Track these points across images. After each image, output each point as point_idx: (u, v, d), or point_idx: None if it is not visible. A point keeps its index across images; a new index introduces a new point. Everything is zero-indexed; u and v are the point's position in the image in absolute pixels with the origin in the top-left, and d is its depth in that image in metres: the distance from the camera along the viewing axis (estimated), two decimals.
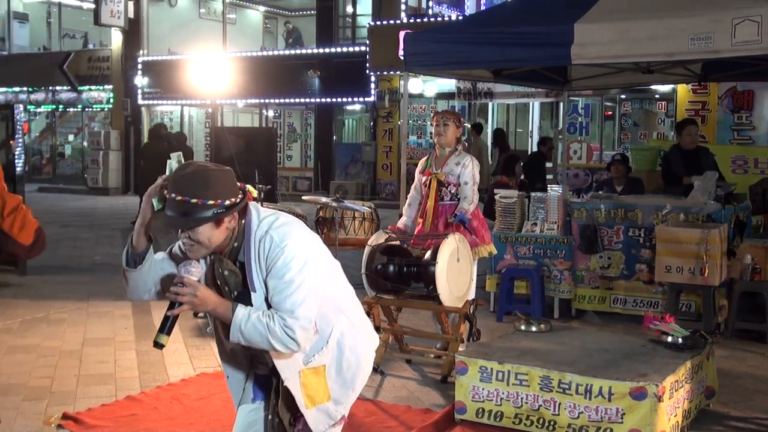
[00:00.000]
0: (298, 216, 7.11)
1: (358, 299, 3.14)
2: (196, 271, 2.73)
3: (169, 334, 2.70)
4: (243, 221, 2.81)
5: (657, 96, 18.00)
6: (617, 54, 6.50)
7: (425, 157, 6.58)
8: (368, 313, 7.57)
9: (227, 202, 2.71)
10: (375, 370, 5.79)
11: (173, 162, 2.82)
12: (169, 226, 2.74)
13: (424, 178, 6.37)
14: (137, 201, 22.50)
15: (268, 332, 2.68)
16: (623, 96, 18.37)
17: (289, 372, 2.86)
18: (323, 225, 7.64)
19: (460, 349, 5.59)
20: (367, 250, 5.85)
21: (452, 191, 6.26)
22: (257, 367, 3.07)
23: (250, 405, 3.12)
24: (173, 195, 2.69)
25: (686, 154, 8.33)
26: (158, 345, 2.72)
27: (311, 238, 2.86)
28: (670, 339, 4.96)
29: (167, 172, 2.78)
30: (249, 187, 2.86)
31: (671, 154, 8.64)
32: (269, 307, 2.76)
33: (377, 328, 7.05)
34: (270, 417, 3.02)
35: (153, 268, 2.90)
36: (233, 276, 2.83)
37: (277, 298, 2.73)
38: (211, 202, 2.68)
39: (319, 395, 2.92)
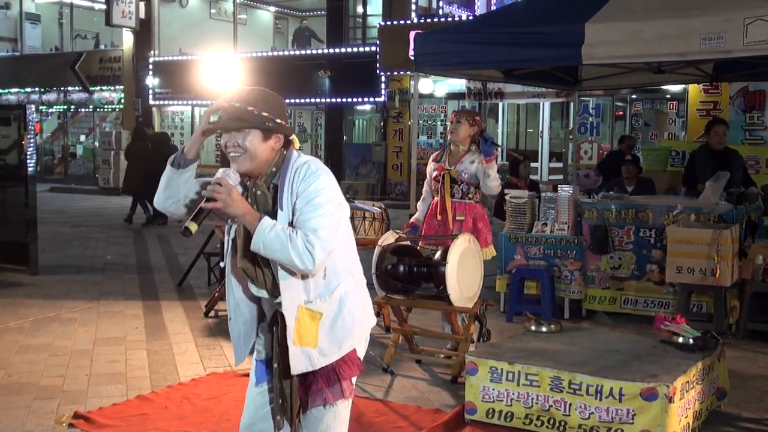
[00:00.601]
0: None
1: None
2: (234, 177, 2.87)
3: (199, 224, 2.81)
4: (285, 152, 2.99)
5: (668, 96, 17.94)
6: (628, 54, 6.48)
7: (440, 151, 6.63)
8: (378, 314, 7.60)
9: (278, 120, 2.93)
10: (385, 370, 5.82)
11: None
12: (223, 129, 2.90)
13: (435, 172, 6.41)
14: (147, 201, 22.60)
15: (289, 242, 2.77)
16: (634, 96, 18.32)
17: (290, 303, 2.90)
18: None
19: (471, 349, 5.59)
20: (377, 250, 5.85)
21: (463, 189, 6.31)
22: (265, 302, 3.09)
23: (256, 388, 3.15)
24: (232, 102, 2.90)
25: (714, 155, 8.20)
26: (187, 231, 2.81)
27: (339, 189, 3.01)
28: (681, 340, 4.94)
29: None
30: (294, 137, 3.07)
31: (698, 153, 8.49)
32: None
33: (387, 329, 7.07)
34: (279, 400, 3.07)
35: (190, 182, 3.02)
36: (264, 197, 2.96)
37: (303, 218, 2.84)
38: (265, 114, 2.89)
39: (308, 338, 2.92)
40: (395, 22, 19.75)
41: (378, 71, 20.01)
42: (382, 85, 20.52)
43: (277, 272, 2.90)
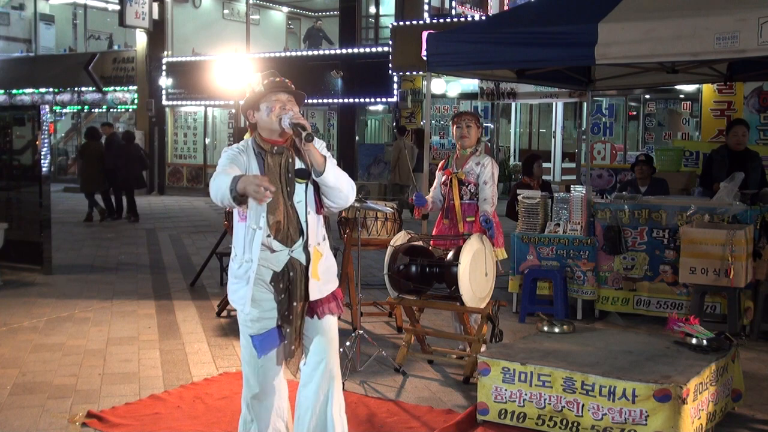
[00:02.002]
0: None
1: None
2: (290, 113, 3.61)
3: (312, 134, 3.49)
4: None
5: (682, 96, 17.87)
6: (642, 54, 6.45)
7: (445, 159, 6.58)
8: (390, 314, 7.60)
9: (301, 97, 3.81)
10: (397, 370, 5.81)
11: None
12: (280, 88, 3.68)
13: (444, 177, 6.38)
14: (161, 200, 22.67)
15: (344, 178, 3.67)
16: (647, 96, 18.25)
17: (313, 240, 3.72)
18: (345, 225, 7.64)
19: (483, 349, 5.58)
20: (389, 250, 5.85)
21: (471, 190, 6.27)
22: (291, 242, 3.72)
23: (260, 360, 3.78)
24: (273, 78, 3.70)
25: (733, 156, 8.14)
26: (309, 137, 3.48)
27: None
28: (694, 341, 4.92)
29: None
30: None
31: (716, 153, 8.42)
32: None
33: (399, 329, 7.06)
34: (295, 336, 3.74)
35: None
36: (293, 157, 3.72)
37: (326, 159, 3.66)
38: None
39: (315, 273, 3.74)
40: (408, 23, 19.74)
41: (390, 71, 20.00)
42: (395, 86, 20.51)
43: (306, 217, 3.67)
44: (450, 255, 5.66)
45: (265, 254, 3.67)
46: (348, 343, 5.93)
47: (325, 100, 22.33)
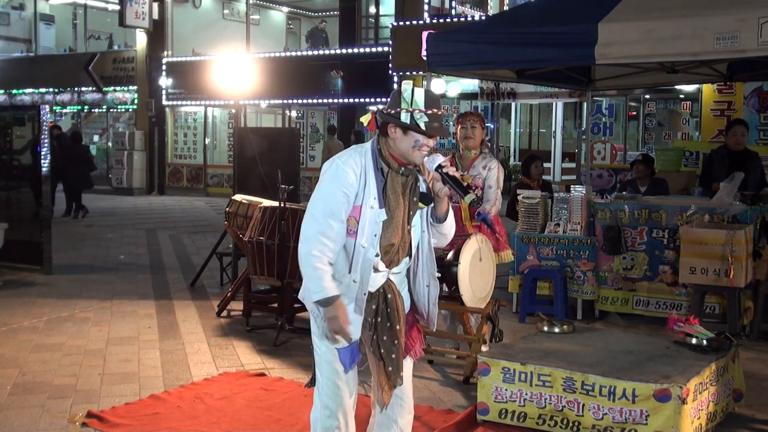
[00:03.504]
0: None
1: None
2: (439, 156, 3.34)
3: (469, 192, 3.32)
4: None
5: (682, 96, 17.87)
6: (642, 54, 6.45)
7: (452, 156, 6.54)
8: None
9: None
10: None
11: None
12: (440, 135, 3.35)
13: None
14: (161, 200, 22.68)
15: (453, 224, 3.57)
16: (647, 96, 18.25)
17: (428, 276, 3.56)
18: None
19: (483, 350, 5.58)
20: None
21: (478, 194, 6.23)
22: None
23: (350, 373, 3.54)
24: (436, 111, 3.32)
25: (733, 156, 8.12)
26: (473, 202, 3.33)
27: None
28: (694, 341, 4.92)
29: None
30: None
31: (716, 154, 8.41)
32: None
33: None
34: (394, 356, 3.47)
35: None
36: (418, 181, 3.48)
37: None
38: None
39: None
40: (408, 23, 19.73)
41: (390, 71, 19.99)
42: (395, 86, 20.49)
43: (421, 244, 3.48)
44: (450, 255, 5.66)
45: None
46: None
47: (325, 100, 22.32)
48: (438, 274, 3.58)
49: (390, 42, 20.02)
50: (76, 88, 26.68)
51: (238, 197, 7.96)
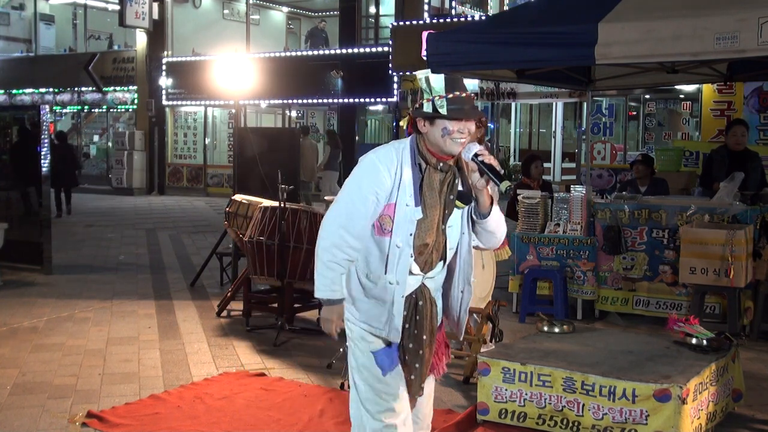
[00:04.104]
0: (320, 217, 7.13)
1: None
2: (476, 146, 3.13)
3: (504, 179, 3.09)
4: None
5: (682, 96, 17.86)
6: (642, 54, 6.45)
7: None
8: None
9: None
10: None
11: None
12: (466, 117, 3.12)
13: None
14: (161, 200, 22.67)
15: (503, 223, 3.31)
16: (647, 96, 18.25)
17: (462, 281, 3.37)
18: None
19: (483, 349, 5.58)
20: None
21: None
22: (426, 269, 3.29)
23: (389, 375, 3.34)
24: (459, 93, 3.14)
25: (733, 156, 8.11)
26: (508, 188, 3.10)
27: None
28: (694, 341, 4.92)
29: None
30: None
31: (716, 153, 8.41)
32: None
33: None
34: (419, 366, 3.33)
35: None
36: (457, 178, 3.25)
37: None
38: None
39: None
40: (408, 23, 19.73)
41: (390, 71, 19.99)
42: (395, 86, 20.49)
43: (459, 247, 3.27)
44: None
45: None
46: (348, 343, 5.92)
47: (325, 100, 22.32)
48: (473, 279, 3.41)
49: (390, 42, 20.02)
50: (76, 88, 26.68)
51: (238, 197, 7.96)
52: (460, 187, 3.21)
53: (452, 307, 3.39)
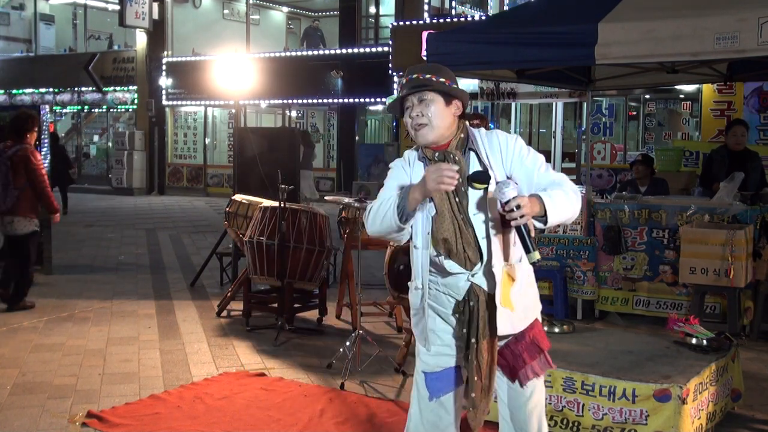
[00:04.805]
0: (320, 217, 7.13)
1: None
2: (513, 187, 2.84)
3: (535, 249, 2.88)
4: (463, 121, 3.10)
5: (682, 96, 17.86)
6: (642, 54, 6.45)
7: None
8: (390, 314, 7.61)
9: (455, 85, 3.03)
10: (397, 370, 5.81)
11: None
12: (409, 94, 3.00)
13: None
14: (161, 200, 22.68)
15: (567, 197, 2.94)
16: (647, 96, 18.24)
17: (498, 262, 3.00)
18: (346, 225, 7.65)
19: None
20: (389, 250, 5.85)
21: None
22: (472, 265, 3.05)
23: (431, 403, 3.15)
24: (411, 75, 3.01)
25: (733, 155, 8.11)
26: (537, 261, 2.92)
27: None
28: (694, 341, 4.92)
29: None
30: None
31: (716, 154, 8.41)
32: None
33: (399, 329, 7.06)
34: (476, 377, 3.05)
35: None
36: (462, 161, 3.01)
37: (539, 174, 3.02)
38: (443, 79, 3.00)
39: (507, 301, 3.04)
40: (408, 23, 19.73)
41: (390, 71, 20.00)
42: (395, 86, 20.50)
43: (488, 233, 2.98)
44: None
45: (439, 278, 3.09)
46: (348, 343, 5.94)
47: (325, 100, 22.33)
48: (523, 256, 3.08)
49: (390, 42, 20.03)
50: (76, 88, 26.70)
51: (238, 197, 7.96)
52: (474, 169, 3.00)
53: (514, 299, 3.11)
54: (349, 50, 21.54)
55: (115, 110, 26.80)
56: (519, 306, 3.08)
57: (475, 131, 3.08)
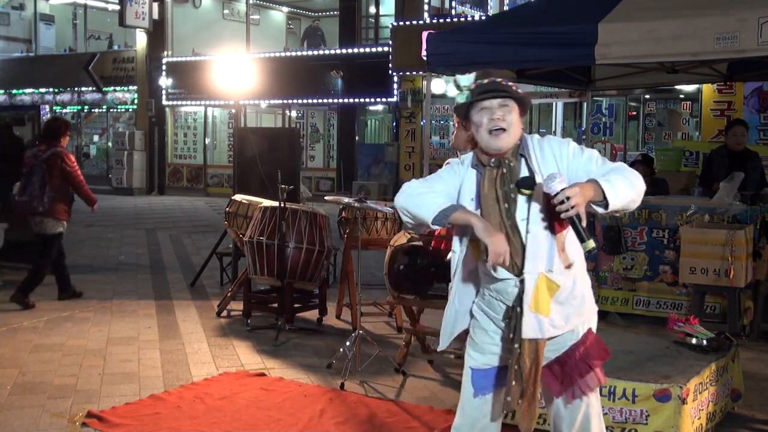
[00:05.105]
0: (320, 217, 7.13)
1: None
2: (560, 180, 2.87)
3: (589, 238, 2.90)
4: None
5: (682, 96, 17.86)
6: (642, 54, 6.45)
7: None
8: (390, 314, 7.61)
9: (525, 99, 3.09)
10: (397, 370, 5.81)
11: None
12: (492, 97, 3.00)
13: None
14: (161, 200, 22.68)
15: (626, 180, 2.95)
16: (647, 96, 18.24)
17: (533, 268, 2.99)
18: (346, 225, 7.65)
19: None
20: (389, 250, 5.85)
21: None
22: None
23: (476, 399, 3.20)
24: (494, 79, 3.02)
25: (732, 155, 8.11)
26: (592, 250, 2.91)
27: None
28: (694, 341, 4.92)
29: None
30: None
31: (716, 154, 8.41)
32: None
33: (399, 329, 7.06)
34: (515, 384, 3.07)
35: None
36: (515, 168, 3.04)
37: (597, 168, 3.04)
38: (519, 91, 3.06)
39: (543, 306, 3.01)
40: (408, 23, 19.73)
41: (390, 71, 19.99)
42: (395, 86, 20.50)
43: (526, 238, 2.99)
44: (450, 255, 5.64)
45: (489, 282, 3.11)
46: (348, 343, 5.94)
47: (325, 100, 22.32)
48: (576, 260, 3.10)
49: (390, 42, 20.02)
50: (76, 88, 26.70)
51: (238, 197, 7.96)
52: (524, 174, 3.04)
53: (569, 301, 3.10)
54: (349, 50, 21.54)
55: (115, 110, 26.80)
56: (558, 314, 3.05)
57: (528, 137, 3.12)
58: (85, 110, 27.48)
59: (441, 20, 19.47)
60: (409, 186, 3.14)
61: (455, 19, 19.24)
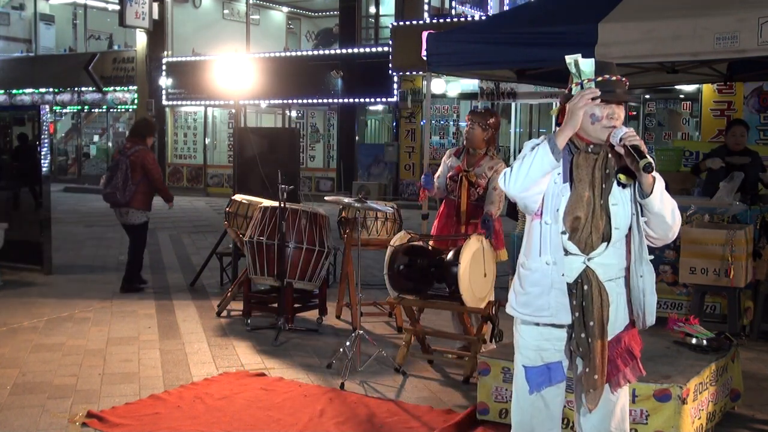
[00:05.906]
0: (320, 217, 7.13)
1: None
2: (624, 129, 3.04)
3: (646, 156, 2.98)
4: None
5: (682, 96, 17.87)
6: (642, 54, 6.45)
7: (457, 149, 6.51)
8: (390, 314, 7.61)
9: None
10: (397, 370, 5.81)
11: None
12: (615, 100, 3.09)
13: (451, 172, 6.30)
14: (161, 200, 22.65)
15: (673, 206, 3.24)
16: (647, 96, 18.25)
17: (604, 253, 3.13)
18: (346, 225, 7.65)
19: (483, 349, 5.58)
20: (389, 250, 5.85)
21: (479, 192, 6.20)
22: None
23: (531, 396, 3.23)
24: (609, 77, 3.14)
25: (732, 155, 8.15)
26: (648, 165, 2.96)
27: None
28: (694, 341, 4.92)
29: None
30: None
31: (716, 153, 8.46)
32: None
33: (399, 329, 7.06)
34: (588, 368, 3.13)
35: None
36: (612, 158, 3.15)
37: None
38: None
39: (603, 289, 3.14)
40: (408, 23, 19.75)
41: (390, 71, 20.02)
42: (395, 86, 20.52)
43: (611, 223, 3.09)
44: (450, 255, 5.65)
45: (556, 253, 3.13)
46: (348, 343, 5.93)
47: (325, 100, 22.34)
48: (650, 257, 3.23)
49: (390, 42, 20.04)
50: (76, 88, 26.72)
51: (238, 197, 7.96)
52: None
53: (635, 296, 3.20)
54: (349, 50, 21.55)
55: (115, 110, 26.82)
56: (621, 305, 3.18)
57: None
58: (85, 110, 27.51)
59: (441, 20, 19.50)
60: (508, 172, 3.11)
61: (455, 19, 19.26)
